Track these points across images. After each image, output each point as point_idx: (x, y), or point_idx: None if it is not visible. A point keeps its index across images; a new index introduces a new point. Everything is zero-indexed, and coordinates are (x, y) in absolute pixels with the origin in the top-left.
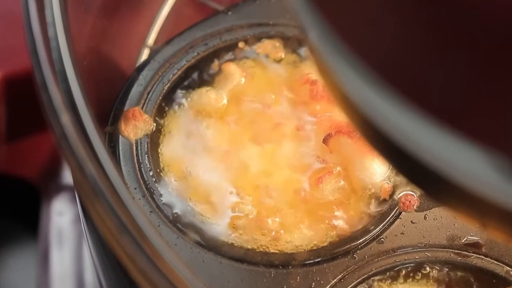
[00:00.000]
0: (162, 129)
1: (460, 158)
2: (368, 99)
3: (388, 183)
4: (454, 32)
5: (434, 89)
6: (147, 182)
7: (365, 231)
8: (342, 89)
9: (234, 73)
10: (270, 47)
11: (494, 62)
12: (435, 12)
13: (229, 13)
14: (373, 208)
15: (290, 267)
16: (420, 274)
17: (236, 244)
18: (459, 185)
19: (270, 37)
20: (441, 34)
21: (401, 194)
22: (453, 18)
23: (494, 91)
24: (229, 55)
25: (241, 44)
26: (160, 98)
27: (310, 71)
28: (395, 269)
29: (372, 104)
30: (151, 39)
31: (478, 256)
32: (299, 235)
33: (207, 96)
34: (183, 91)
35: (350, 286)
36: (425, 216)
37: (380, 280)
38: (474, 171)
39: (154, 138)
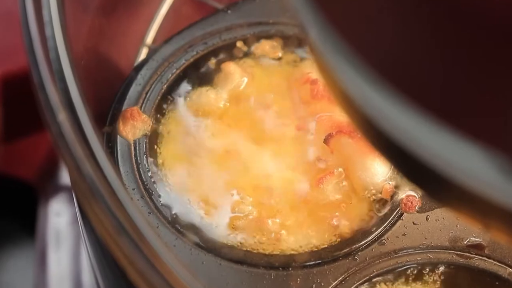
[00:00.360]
0: (161, 129)
1: (461, 157)
2: (369, 98)
3: (389, 183)
4: (454, 30)
5: (434, 87)
6: (145, 183)
7: (366, 232)
8: (342, 88)
9: (234, 72)
10: (269, 46)
11: (494, 60)
12: (435, 9)
13: (229, 11)
14: (375, 209)
15: (290, 269)
16: (422, 275)
17: (235, 246)
18: (460, 185)
19: (270, 36)
20: (441, 32)
21: (402, 195)
22: (453, 16)
23: (495, 89)
24: (229, 54)
25: (239, 44)
26: (159, 97)
27: (311, 70)
28: (397, 270)
29: (373, 103)
30: (149, 38)
31: (480, 257)
32: (300, 236)
33: (206, 95)
34: (182, 91)
35: None
36: (427, 217)
37: (382, 281)
38: (475, 171)
39: (153, 138)
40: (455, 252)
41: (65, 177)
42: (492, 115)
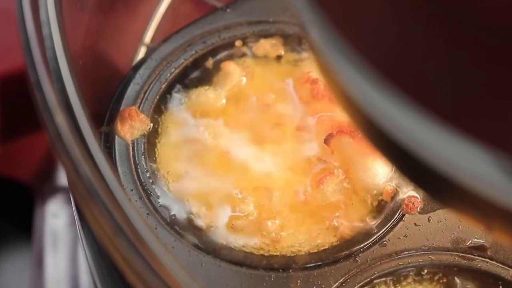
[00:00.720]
0: (159, 129)
1: (463, 158)
2: (370, 98)
3: (391, 184)
4: (455, 30)
5: (436, 88)
6: (144, 184)
7: (367, 233)
8: (343, 88)
9: (234, 72)
10: (269, 45)
11: (496, 61)
12: (436, 10)
13: (228, 10)
14: (376, 210)
15: (290, 271)
16: (423, 277)
17: (235, 247)
18: (462, 186)
19: (269, 34)
20: (443, 32)
21: (404, 196)
22: (453, 17)
23: (498, 90)
24: (228, 54)
25: (238, 43)
26: (157, 97)
27: (311, 69)
28: (398, 272)
29: (374, 103)
30: (148, 37)
31: (483, 259)
32: (300, 238)
33: (205, 95)
34: (181, 90)
35: None
36: (429, 218)
37: (383, 283)
38: (478, 172)
39: (151, 139)
40: (457, 253)
41: (62, 178)
42: (494, 116)
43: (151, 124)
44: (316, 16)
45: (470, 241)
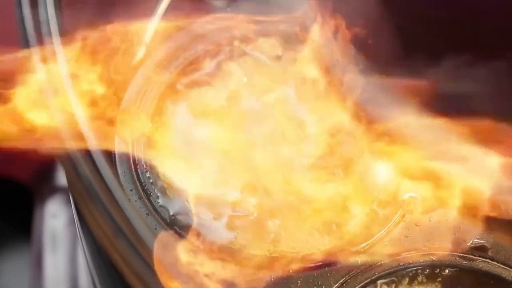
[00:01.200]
0: (159, 129)
1: None
2: None
3: (391, 185)
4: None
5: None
6: (143, 184)
7: (368, 234)
8: None
9: (233, 72)
10: (269, 45)
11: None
12: (437, 11)
13: (228, 9)
14: (376, 210)
15: (290, 271)
16: (424, 278)
17: (234, 248)
18: None
19: (269, 34)
20: (443, 32)
21: (405, 196)
22: (455, 18)
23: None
24: (228, 53)
25: (237, 42)
26: (157, 97)
27: (311, 69)
28: (399, 273)
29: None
30: (147, 37)
31: (484, 259)
32: (300, 238)
33: (205, 95)
34: (181, 91)
35: None
36: (429, 218)
37: (384, 284)
38: None
39: (151, 139)
40: (458, 254)
41: (61, 178)
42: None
43: (151, 124)
44: None
45: (471, 242)
